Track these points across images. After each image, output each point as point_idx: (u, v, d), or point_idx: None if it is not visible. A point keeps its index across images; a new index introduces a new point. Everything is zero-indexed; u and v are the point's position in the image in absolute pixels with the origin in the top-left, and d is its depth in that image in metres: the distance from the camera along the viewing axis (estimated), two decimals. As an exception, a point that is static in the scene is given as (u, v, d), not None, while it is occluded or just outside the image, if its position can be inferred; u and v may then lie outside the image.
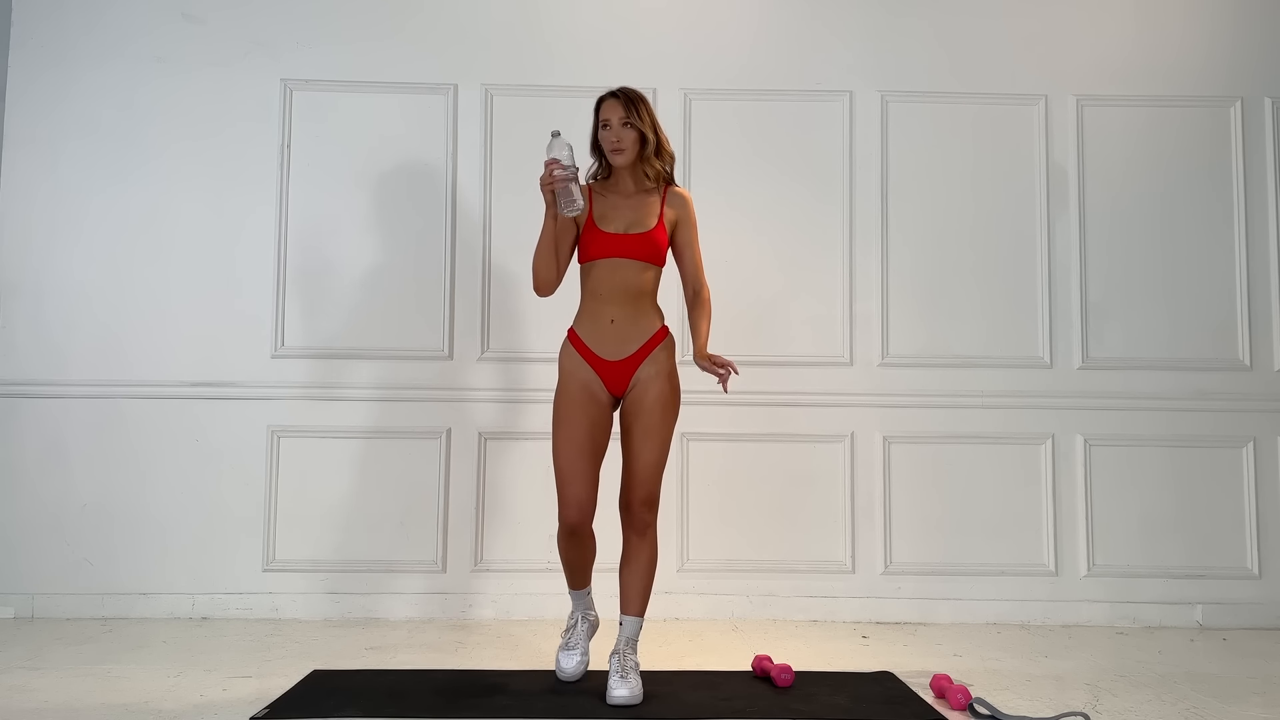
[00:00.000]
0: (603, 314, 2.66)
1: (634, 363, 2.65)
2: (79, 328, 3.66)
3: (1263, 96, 3.85)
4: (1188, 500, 3.71)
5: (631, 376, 2.65)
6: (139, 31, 3.76)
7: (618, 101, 2.69)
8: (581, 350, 2.67)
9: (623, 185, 2.73)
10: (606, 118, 2.69)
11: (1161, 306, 3.78)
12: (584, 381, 2.65)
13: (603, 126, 2.70)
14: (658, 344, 2.68)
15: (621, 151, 2.68)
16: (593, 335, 2.66)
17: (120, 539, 3.61)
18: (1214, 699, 2.66)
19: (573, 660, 2.75)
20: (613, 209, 2.70)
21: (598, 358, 2.65)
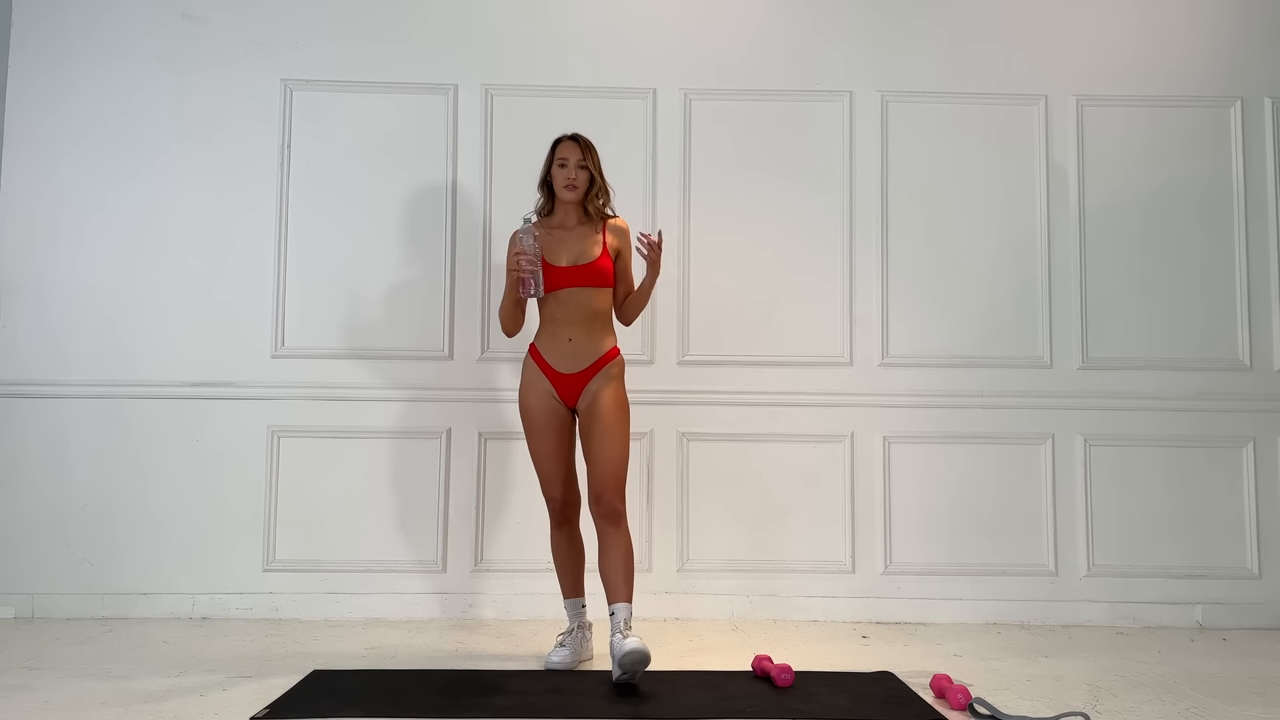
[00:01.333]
0: (560, 334, 2.92)
1: (587, 376, 2.90)
2: (80, 328, 3.66)
3: (1263, 96, 3.85)
4: (1187, 500, 3.71)
5: (584, 388, 2.90)
6: (139, 32, 3.76)
7: (576, 144, 2.95)
8: (541, 364, 2.93)
9: (566, 219, 2.98)
10: (564, 157, 2.94)
11: (1161, 306, 3.78)
12: (541, 392, 2.93)
13: (559, 165, 2.94)
14: (609, 361, 2.93)
15: (575, 189, 2.94)
16: (551, 351, 2.92)
17: (120, 539, 3.61)
18: (1214, 699, 2.66)
19: (562, 653, 2.92)
20: (559, 244, 2.93)
21: (555, 371, 2.91)
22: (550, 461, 2.93)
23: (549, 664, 2.90)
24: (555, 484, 2.95)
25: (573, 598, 3.03)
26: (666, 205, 3.77)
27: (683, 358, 3.72)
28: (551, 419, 2.92)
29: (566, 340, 2.90)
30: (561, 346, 2.90)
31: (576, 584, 3.04)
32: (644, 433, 3.69)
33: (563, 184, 2.93)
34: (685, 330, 3.73)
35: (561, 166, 2.94)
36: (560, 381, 2.91)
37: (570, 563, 3.02)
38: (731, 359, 3.72)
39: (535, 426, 2.93)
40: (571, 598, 3.03)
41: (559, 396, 2.92)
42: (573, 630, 2.98)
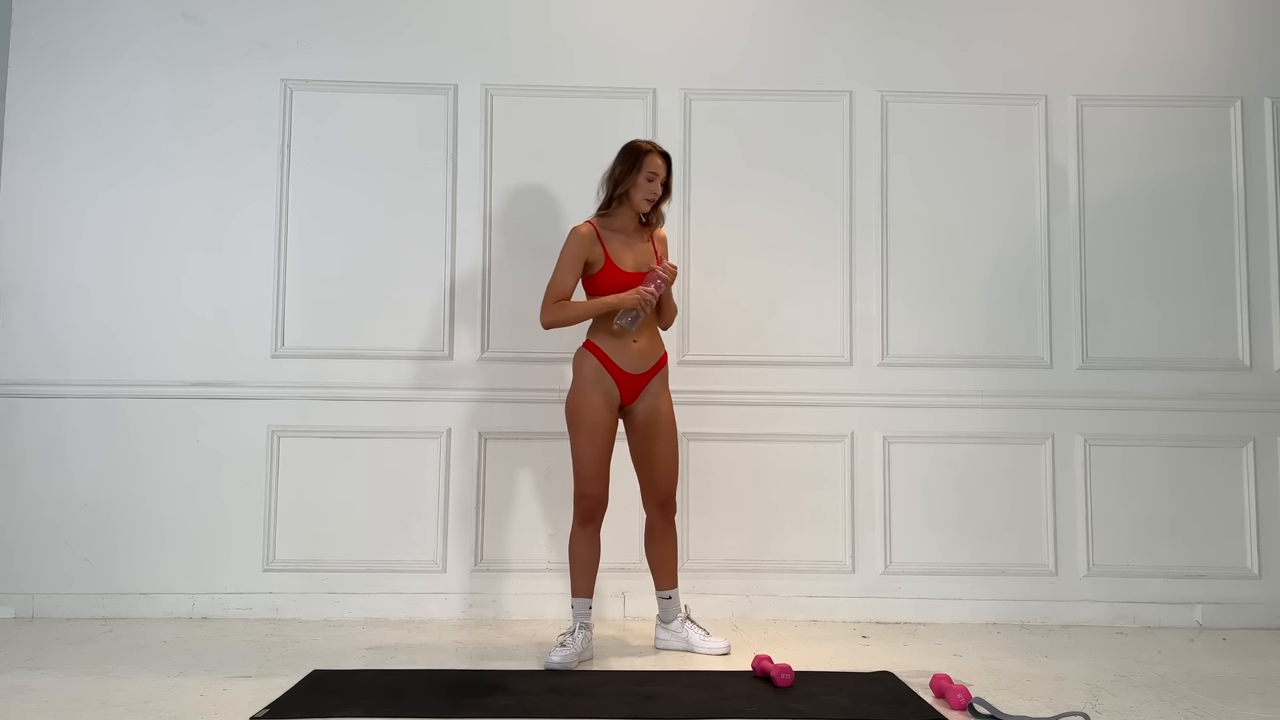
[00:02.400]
0: (627, 335, 3.02)
1: (648, 377, 3.06)
2: (79, 328, 3.66)
3: (1263, 96, 3.85)
4: (1187, 500, 3.71)
5: (643, 389, 3.05)
6: (139, 31, 3.76)
7: (665, 162, 3.08)
8: (605, 363, 3.02)
9: (626, 224, 3.10)
10: (655, 172, 3.05)
11: (1161, 306, 3.78)
12: (605, 391, 3.01)
13: (648, 179, 3.04)
14: (664, 365, 3.11)
15: (653, 203, 3.08)
16: (617, 352, 3.02)
17: (120, 539, 3.61)
18: (1214, 699, 2.66)
19: (563, 653, 2.91)
20: (624, 249, 3.07)
21: (622, 371, 3.02)
22: (598, 460, 3.00)
23: (549, 663, 2.89)
24: (599, 482, 3.00)
25: (583, 597, 3.03)
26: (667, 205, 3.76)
27: (683, 358, 3.72)
28: (609, 419, 3.01)
29: (633, 342, 3.02)
30: (629, 348, 3.02)
31: (590, 584, 3.05)
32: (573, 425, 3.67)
33: (646, 195, 3.05)
34: (685, 330, 3.73)
35: (650, 181, 3.04)
36: (625, 381, 3.02)
37: (589, 562, 3.04)
38: (732, 359, 3.72)
39: (592, 425, 2.99)
40: (582, 597, 3.03)
41: (619, 396, 3.03)
42: (574, 630, 2.99)
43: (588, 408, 2.99)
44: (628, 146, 3.09)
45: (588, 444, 2.99)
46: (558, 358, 3.70)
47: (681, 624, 3.15)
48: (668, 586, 3.14)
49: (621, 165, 3.06)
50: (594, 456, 2.99)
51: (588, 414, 2.99)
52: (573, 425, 3.02)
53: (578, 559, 3.03)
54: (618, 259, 3.03)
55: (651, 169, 3.03)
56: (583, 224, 3.07)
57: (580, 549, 3.03)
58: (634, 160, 3.05)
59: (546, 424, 3.67)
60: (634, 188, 3.04)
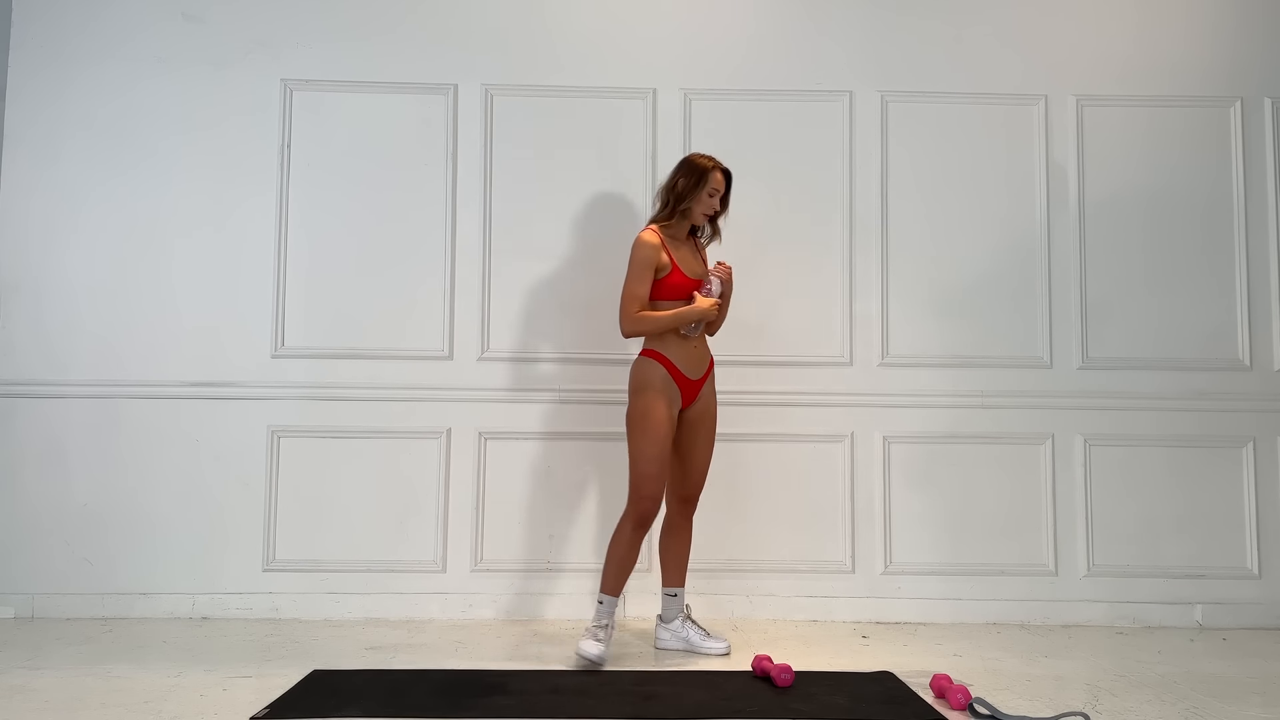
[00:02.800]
0: (689, 341, 3.10)
1: (704, 381, 3.15)
2: (79, 328, 3.66)
3: (1263, 96, 3.85)
4: (1187, 500, 3.71)
5: (699, 392, 3.13)
6: (139, 31, 3.76)
7: (727, 180, 3.17)
8: (671, 370, 3.08)
9: (679, 234, 3.17)
10: (717, 189, 3.14)
11: (1161, 306, 3.78)
12: (671, 398, 3.08)
13: (710, 194, 3.13)
14: (713, 367, 3.20)
15: (710, 217, 3.19)
16: (680, 357, 3.09)
17: (120, 539, 3.61)
18: (1214, 699, 2.66)
19: (598, 649, 2.94)
20: (688, 256, 3.17)
21: (684, 377, 3.09)
22: (661, 459, 3.04)
23: (585, 654, 2.92)
24: (661, 480, 3.06)
25: (617, 595, 3.07)
26: (666, 205, 3.77)
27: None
28: (671, 425, 3.07)
29: (693, 347, 3.11)
30: (689, 353, 3.10)
31: (624, 583, 3.10)
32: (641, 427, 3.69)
33: (705, 210, 3.14)
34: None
35: (712, 196, 3.13)
36: (686, 386, 3.10)
37: (631, 564, 3.09)
38: (731, 359, 3.71)
39: (657, 432, 3.03)
40: (616, 595, 3.07)
41: (680, 401, 3.11)
42: (607, 625, 3.02)
43: (655, 414, 3.04)
44: (690, 161, 3.14)
45: (653, 449, 3.03)
46: (558, 357, 3.70)
47: (682, 624, 3.17)
48: (675, 584, 3.20)
49: (685, 179, 3.12)
50: (658, 457, 3.03)
51: (655, 420, 3.03)
52: (639, 430, 3.05)
53: (622, 561, 3.06)
54: (682, 264, 3.10)
55: (714, 185, 3.12)
56: (647, 231, 3.11)
57: (627, 553, 3.06)
58: (698, 176, 3.11)
59: (546, 424, 3.68)
60: (696, 202, 3.12)
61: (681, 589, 3.21)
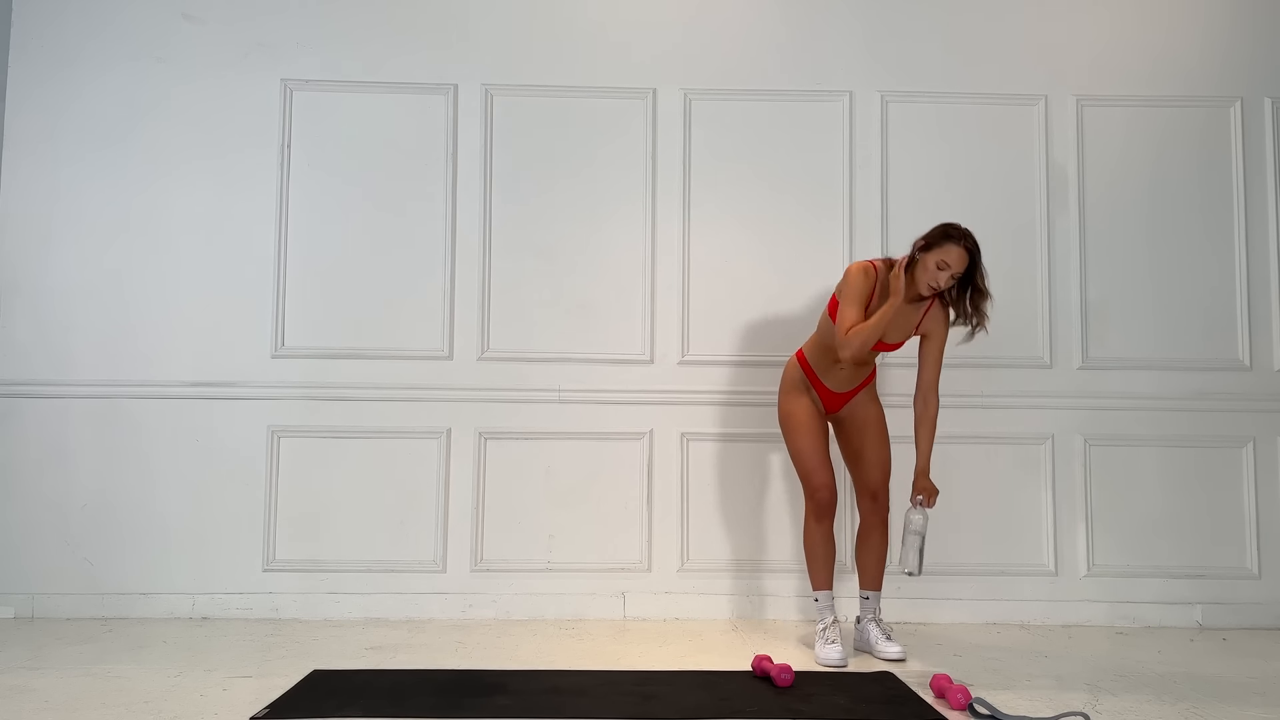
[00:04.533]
0: (838, 363, 3.09)
1: (851, 395, 3.19)
2: (79, 327, 3.66)
3: (1263, 96, 3.85)
4: (1187, 500, 3.71)
5: (846, 403, 3.19)
6: (139, 32, 3.76)
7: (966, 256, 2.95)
8: (810, 376, 3.17)
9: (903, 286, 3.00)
10: (947, 261, 2.95)
11: (1161, 306, 3.78)
12: (812, 399, 3.16)
13: (939, 266, 2.95)
14: (869, 383, 3.22)
15: (935, 290, 3.00)
16: (823, 369, 3.14)
17: (120, 539, 3.61)
18: (1214, 699, 2.65)
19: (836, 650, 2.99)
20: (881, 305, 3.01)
21: (823, 386, 3.16)
22: (819, 453, 3.10)
23: (825, 660, 2.96)
24: (825, 471, 3.09)
25: (827, 589, 3.11)
26: (667, 205, 3.77)
27: (683, 358, 3.72)
28: (819, 421, 3.14)
29: (840, 369, 3.11)
30: (834, 370, 3.12)
31: (830, 577, 3.13)
32: (644, 432, 3.70)
33: (929, 281, 2.97)
34: (685, 330, 3.74)
35: (940, 269, 2.95)
36: (828, 396, 3.16)
37: (829, 557, 3.13)
38: (732, 359, 3.72)
39: (806, 427, 3.11)
40: (826, 589, 3.11)
41: (824, 405, 3.17)
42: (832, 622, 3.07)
43: (797, 407, 3.13)
44: (941, 227, 2.99)
45: (805, 439, 3.10)
46: (557, 357, 3.71)
47: (867, 623, 3.15)
48: (864, 586, 3.20)
49: (926, 239, 2.99)
50: (814, 450, 3.09)
51: (798, 418, 3.12)
52: (787, 428, 3.15)
53: (817, 554, 3.11)
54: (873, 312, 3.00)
55: (943, 258, 2.93)
56: (868, 262, 3.04)
57: (820, 546, 3.11)
58: (935, 239, 2.96)
59: (546, 424, 3.68)
60: (922, 268, 2.97)
61: (875, 592, 3.17)
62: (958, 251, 2.94)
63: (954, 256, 2.94)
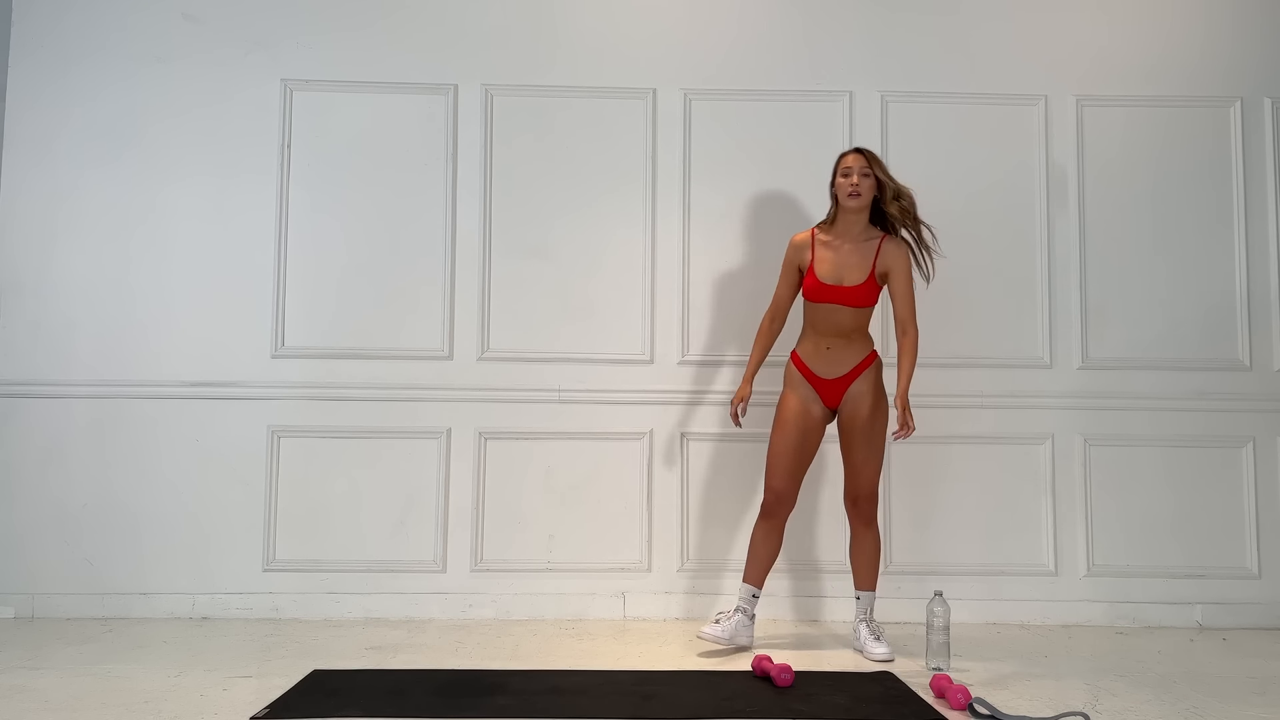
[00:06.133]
0: (820, 343, 3.14)
1: (847, 381, 3.12)
2: (79, 327, 3.66)
3: (1263, 96, 3.85)
4: (1187, 500, 3.71)
5: (845, 392, 3.12)
6: (139, 32, 3.76)
7: (860, 155, 3.13)
8: (802, 370, 3.16)
9: (849, 230, 3.17)
10: (848, 167, 3.12)
11: (1161, 306, 3.78)
12: (802, 396, 3.15)
13: (842, 175, 3.13)
14: (867, 366, 3.14)
15: (858, 196, 3.11)
16: (812, 357, 3.15)
17: (120, 539, 3.61)
18: (1214, 699, 2.66)
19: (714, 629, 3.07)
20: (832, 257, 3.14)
21: (816, 376, 3.13)
22: (785, 457, 3.12)
23: (701, 634, 3.07)
24: (780, 477, 3.12)
25: (749, 584, 3.15)
26: (667, 205, 3.77)
27: (683, 358, 3.73)
28: (805, 420, 3.13)
29: (825, 349, 3.13)
30: (821, 354, 3.13)
31: (759, 572, 3.16)
32: (644, 432, 3.70)
33: (846, 193, 3.11)
34: (685, 330, 3.74)
35: (845, 176, 3.12)
36: (822, 385, 3.13)
37: (762, 554, 3.16)
38: (731, 359, 3.72)
39: (784, 422, 3.14)
40: (748, 583, 3.15)
41: (821, 400, 3.14)
42: (735, 611, 3.11)
43: (784, 409, 3.15)
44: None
45: (777, 439, 3.14)
46: (557, 357, 3.71)
47: (858, 623, 3.18)
48: (857, 586, 3.21)
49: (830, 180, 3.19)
50: (780, 453, 3.12)
51: (782, 415, 3.15)
52: (773, 424, 3.18)
53: (751, 546, 3.17)
54: (819, 267, 3.12)
55: (844, 166, 3.13)
56: (802, 231, 3.19)
57: (756, 539, 3.17)
58: (834, 167, 3.18)
59: (546, 424, 3.68)
60: (838, 190, 3.15)
61: (866, 592, 3.17)
62: (850, 155, 3.14)
63: (849, 160, 3.13)
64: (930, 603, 2.97)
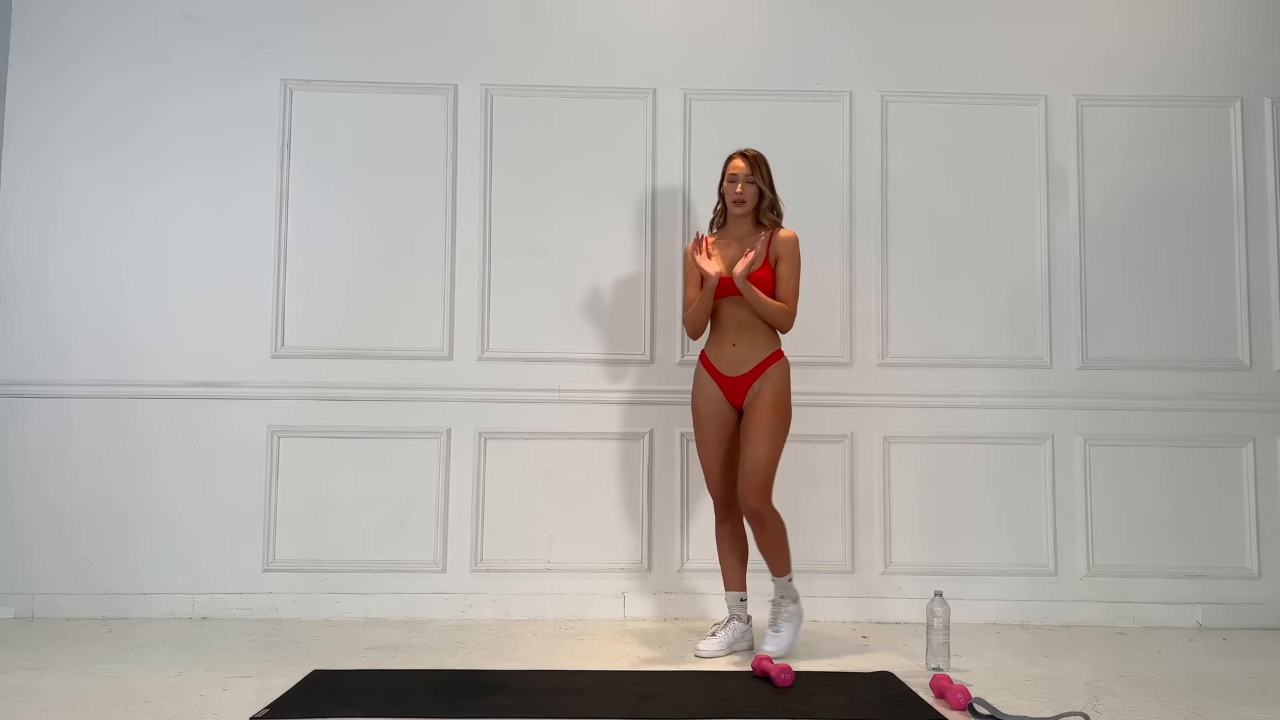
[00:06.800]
0: (725, 339, 3.12)
1: (751, 379, 3.08)
2: (79, 327, 3.66)
3: (1263, 96, 3.85)
4: (1187, 500, 3.71)
5: (749, 390, 3.08)
6: (139, 32, 3.76)
7: (744, 161, 3.15)
8: (709, 369, 3.14)
9: (736, 230, 3.18)
10: (734, 173, 3.14)
11: (1161, 306, 3.78)
12: (710, 395, 3.13)
13: (729, 181, 3.15)
14: (772, 364, 3.10)
15: (743, 204, 3.14)
16: (717, 356, 3.13)
17: (120, 539, 3.61)
18: (1214, 699, 2.66)
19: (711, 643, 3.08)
20: (726, 253, 3.14)
21: (720, 374, 3.11)
22: (712, 462, 3.14)
23: (698, 651, 3.05)
24: (716, 482, 3.15)
25: (730, 590, 3.17)
26: (667, 205, 3.77)
27: (682, 358, 3.72)
28: (715, 420, 3.12)
29: (730, 345, 3.10)
30: (726, 351, 3.11)
31: (734, 578, 3.17)
32: (644, 433, 3.70)
33: (731, 199, 3.15)
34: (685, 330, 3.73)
35: (731, 182, 3.14)
36: (726, 384, 3.10)
37: (731, 560, 3.18)
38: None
39: (699, 427, 3.15)
40: (729, 590, 3.17)
41: (726, 399, 3.12)
42: (728, 621, 3.12)
43: (695, 413, 3.16)
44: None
45: (700, 446, 3.16)
46: (557, 357, 3.71)
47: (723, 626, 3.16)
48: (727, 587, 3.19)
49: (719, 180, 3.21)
50: (706, 459, 3.15)
51: (696, 419, 3.16)
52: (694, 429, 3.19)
53: (720, 556, 3.20)
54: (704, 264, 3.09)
55: (730, 172, 3.15)
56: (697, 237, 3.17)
57: (721, 546, 3.20)
58: (722, 169, 3.20)
59: (546, 424, 3.68)
60: (726, 195, 3.17)
61: (732, 592, 3.17)
62: (737, 160, 3.15)
63: (736, 165, 3.14)
64: (930, 603, 2.97)
